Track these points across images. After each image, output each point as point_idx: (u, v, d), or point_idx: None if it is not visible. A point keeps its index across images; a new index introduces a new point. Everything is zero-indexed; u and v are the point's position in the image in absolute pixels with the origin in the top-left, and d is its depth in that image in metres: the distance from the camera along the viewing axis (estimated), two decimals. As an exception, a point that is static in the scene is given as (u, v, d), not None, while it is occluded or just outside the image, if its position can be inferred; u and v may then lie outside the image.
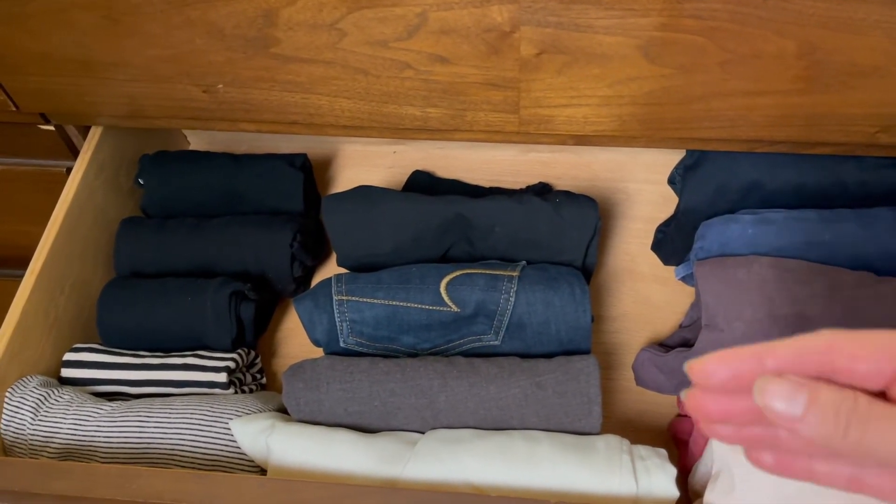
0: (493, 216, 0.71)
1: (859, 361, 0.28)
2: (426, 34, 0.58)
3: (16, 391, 0.65)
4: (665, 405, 0.72)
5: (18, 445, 0.65)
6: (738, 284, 0.63)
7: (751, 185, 0.68)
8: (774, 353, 0.29)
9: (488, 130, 0.67)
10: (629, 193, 0.85)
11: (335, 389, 0.62)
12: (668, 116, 0.62)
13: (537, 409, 0.61)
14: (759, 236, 0.65)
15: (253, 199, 0.79)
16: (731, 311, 0.62)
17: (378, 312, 0.66)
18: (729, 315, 0.63)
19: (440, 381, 0.61)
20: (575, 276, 0.67)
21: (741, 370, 0.29)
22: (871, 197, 0.67)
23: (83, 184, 0.74)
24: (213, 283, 0.72)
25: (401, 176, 0.88)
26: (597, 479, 0.56)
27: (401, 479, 0.58)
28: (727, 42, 0.56)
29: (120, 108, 0.70)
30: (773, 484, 0.53)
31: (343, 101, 0.65)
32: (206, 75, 0.65)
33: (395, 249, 0.72)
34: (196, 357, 0.69)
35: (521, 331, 0.66)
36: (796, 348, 0.29)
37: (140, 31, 0.62)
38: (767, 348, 0.29)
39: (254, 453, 0.62)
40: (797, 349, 0.29)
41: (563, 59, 0.59)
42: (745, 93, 0.59)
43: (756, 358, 0.29)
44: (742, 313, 0.62)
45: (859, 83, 0.57)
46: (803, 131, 0.61)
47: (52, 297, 0.71)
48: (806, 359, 0.28)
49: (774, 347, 0.29)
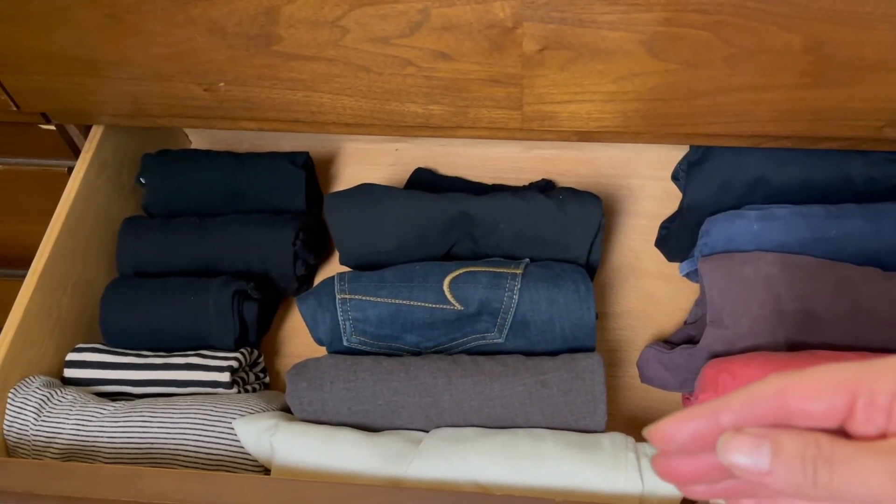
0: (496, 213, 0.70)
1: (810, 401, 0.27)
2: (428, 31, 0.58)
3: (19, 392, 0.65)
4: (670, 402, 0.72)
5: (21, 446, 0.65)
6: (743, 281, 0.62)
7: (756, 180, 0.67)
8: (729, 406, 0.28)
9: (491, 127, 0.66)
10: (633, 190, 0.85)
11: (339, 388, 0.62)
12: (673, 112, 0.62)
13: (542, 407, 0.60)
14: (765, 232, 0.64)
15: (255, 197, 0.79)
16: (737, 307, 0.62)
17: (381, 311, 0.66)
18: (734, 311, 0.62)
19: (444, 379, 0.61)
20: (579, 273, 0.66)
21: (699, 430, 0.29)
22: (878, 192, 0.67)
23: (85, 183, 0.74)
24: (216, 282, 0.71)
25: (403, 173, 0.87)
26: (602, 477, 0.56)
27: (405, 478, 0.57)
28: (732, 37, 0.55)
29: (122, 106, 0.70)
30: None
31: (345, 98, 0.65)
32: (208, 73, 0.65)
33: (398, 247, 0.71)
34: (199, 356, 0.69)
35: (525, 328, 0.66)
36: (749, 398, 0.28)
37: (142, 29, 0.62)
38: (721, 403, 0.28)
39: (257, 453, 0.62)
40: (749, 399, 0.28)
41: (567, 55, 0.58)
42: (751, 88, 0.59)
43: (711, 415, 0.28)
44: (748, 310, 0.62)
45: (865, 77, 0.57)
46: (809, 126, 0.61)
47: (54, 296, 0.71)
48: (760, 407, 0.28)
49: (728, 401, 0.28)
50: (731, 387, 0.58)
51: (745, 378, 0.59)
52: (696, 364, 0.65)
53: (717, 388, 0.59)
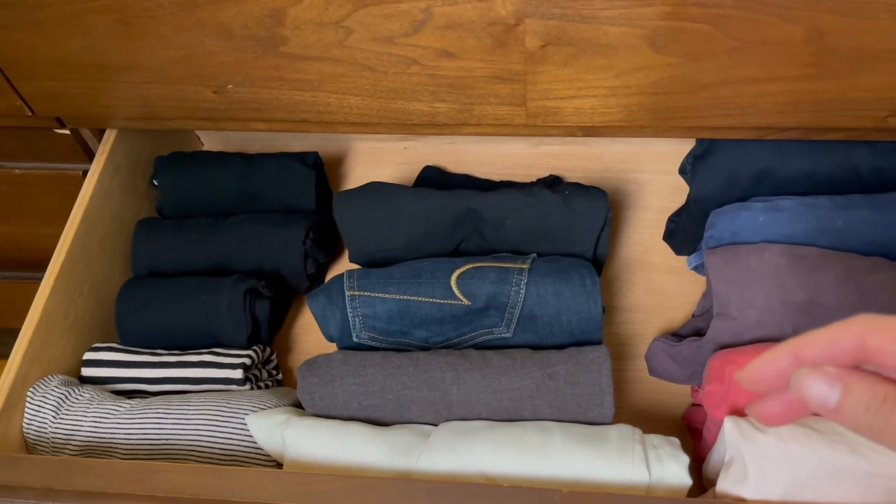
0: (503, 209, 0.71)
1: (887, 356, 0.29)
2: (431, 29, 0.59)
3: (37, 390, 0.67)
4: (679, 395, 0.72)
5: (41, 443, 0.66)
6: (749, 272, 0.62)
7: (762, 172, 0.67)
8: (811, 345, 0.30)
9: (496, 124, 0.67)
10: (640, 184, 0.85)
11: (349, 383, 0.63)
12: (677, 105, 0.62)
13: (550, 400, 0.61)
14: (771, 224, 0.64)
15: (266, 197, 0.80)
16: (744, 298, 0.62)
17: (390, 307, 0.67)
18: (741, 303, 0.62)
19: (452, 373, 0.62)
20: (585, 267, 0.67)
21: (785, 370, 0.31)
22: (885, 182, 0.66)
23: (99, 186, 0.76)
24: (229, 281, 0.72)
25: (412, 172, 0.88)
26: (609, 468, 0.56)
27: (415, 471, 0.58)
28: (734, 29, 0.56)
29: (133, 110, 0.71)
30: (787, 471, 0.53)
31: (352, 98, 0.66)
32: (217, 76, 0.66)
33: (407, 245, 0.72)
34: (212, 354, 0.70)
35: (533, 323, 0.66)
36: (830, 338, 0.30)
37: (151, 33, 0.63)
38: (804, 343, 0.31)
39: (270, 448, 0.63)
40: (831, 339, 0.30)
41: (569, 50, 0.59)
42: (754, 80, 0.59)
43: (794, 354, 0.31)
44: (754, 301, 0.62)
45: (868, 67, 0.57)
46: (813, 117, 0.61)
47: (71, 297, 0.72)
48: (841, 346, 0.30)
49: (810, 340, 0.30)
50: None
51: (751, 369, 0.59)
52: (703, 356, 0.65)
53: (723, 380, 0.59)
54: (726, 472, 0.56)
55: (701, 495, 0.62)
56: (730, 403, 0.59)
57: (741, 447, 0.54)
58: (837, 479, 0.53)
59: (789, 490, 0.53)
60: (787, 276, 0.62)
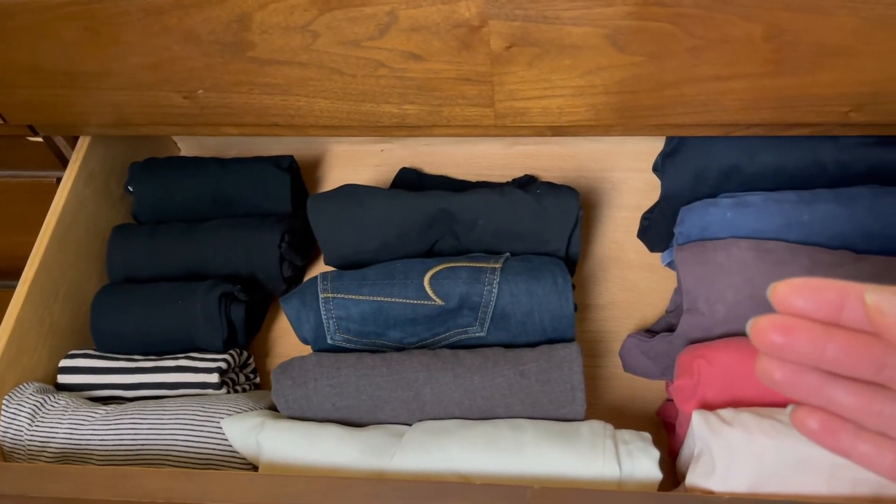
0: (476, 209, 0.71)
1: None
2: (397, 32, 0.59)
3: (13, 398, 0.67)
4: (653, 390, 0.73)
5: (17, 451, 0.66)
6: (717, 267, 0.63)
7: (730, 169, 0.68)
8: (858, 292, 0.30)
9: (466, 125, 0.67)
10: (615, 182, 0.86)
11: (323, 385, 0.63)
12: (642, 104, 0.63)
13: (522, 398, 0.61)
14: (738, 219, 0.65)
15: (241, 201, 0.80)
16: (712, 294, 0.63)
17: (364, 308, 0.67)
18: (710, 298, 0.63)
19: (425, 373, 0.62)
20: (557, 266, 0.67)
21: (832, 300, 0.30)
22: (850, 176, 0.67)
23: (73, 193, 0.76)
24: (203, 285, 0.73)
25: (389, 174, 0.88)
26: (581, 464, 0.57)
27: (388, 471, 0.59)
28: (694, 28, 0.56)
29: (106, 116, 0.71)
30: (753, 464, 0.54)
31: (321, 101, 0.66)
32: (187, 81, 0.66)
33: (381, 246, 0.72)
34: (188, 359, 0.70)
35: (506, 321, 0.67)
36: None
37: (120, 40, 0.63)
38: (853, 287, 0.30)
39: (245, 451, 0.63)
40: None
41: (534, 51, 0.59)
42: (716, 77, 0.59)
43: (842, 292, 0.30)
44: (723, 296, 0.63)
45: (828, 63, 0.57)
46: (777, 113, 0.62)
47: (46, 304, 0.72)
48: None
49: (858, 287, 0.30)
50: (707, 373, 0.59)
51: (720, 363, 0.60)
52: (675, 351, 0.66)
53: (692, 374, 0.60)
54: (695, 465, 0.57)
55: (674, 489, 0.63)
56: (699, 397, 0.60)
57: (709, 440, 0.55)
58: (803, 471, 0.53)
59: (757, 481, 0.54)
60: (754, 271, 0.62)
